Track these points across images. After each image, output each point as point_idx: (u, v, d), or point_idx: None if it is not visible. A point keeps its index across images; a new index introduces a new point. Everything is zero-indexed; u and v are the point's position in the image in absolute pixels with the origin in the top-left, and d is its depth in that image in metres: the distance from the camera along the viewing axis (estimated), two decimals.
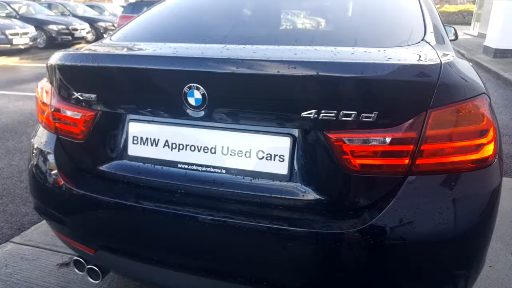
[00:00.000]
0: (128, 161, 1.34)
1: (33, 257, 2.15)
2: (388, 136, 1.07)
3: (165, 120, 1.27)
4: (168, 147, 1.28)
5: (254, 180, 1.19)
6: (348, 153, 1.09)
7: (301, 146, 1.14)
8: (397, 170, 1.10)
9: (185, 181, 1.26)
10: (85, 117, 1.35)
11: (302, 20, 2.36)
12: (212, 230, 1.18)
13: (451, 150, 1.10)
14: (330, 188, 1.14)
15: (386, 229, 1.06)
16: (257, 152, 1.18)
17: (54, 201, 1.43)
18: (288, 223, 1.13)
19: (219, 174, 1.23)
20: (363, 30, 1.54)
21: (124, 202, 1.26)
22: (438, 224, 1.06)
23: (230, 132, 1.20)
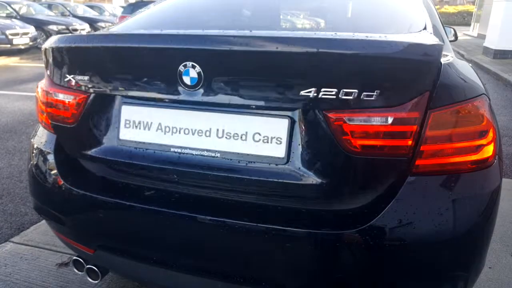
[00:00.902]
0: (120, 145, 1.30)
1: (33, 257, 2.15)
2: (390, 116, 1.03)
3: (159, 103, 1.23)
4: (161, 131, 1.24)
5: (250, 164, 1.15)
6: (349, 133, 1.06)
7: (300, 127, 1.11)
8: (400, 152, 1.06)
9: (178, 165, 1.21)
10: (77, 100, 1.32)
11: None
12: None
13: (450, 151, 1.10)
14: (330, 171, 1.10)
15: (386, 229, 1.06)
16: (254, 135, 1.14)
17: (54, 201, 1.43)
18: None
19: (213, 158, 1.18)
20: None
21: (122, 202, 1.26)
22: (438, 225, 1.06)
23: (226, 114, 1.16)
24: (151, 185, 1.31)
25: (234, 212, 1.18)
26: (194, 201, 1.24)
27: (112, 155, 1.30)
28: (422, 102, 1.04)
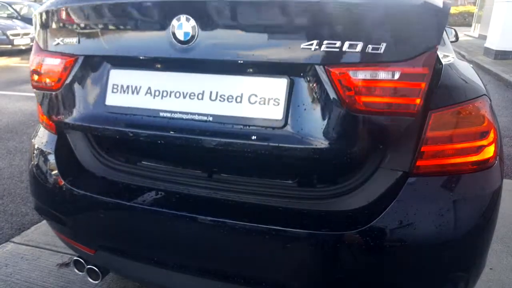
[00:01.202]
0: (105, 112, 1.24)
1: (33, 257, 2.15)
2: (397, 71, 0.97)
3: (149, 65, 1.18)
4: (150, 95, 1.18)
5: (245, 127, 1.08)
6: (352, 89, 0.99)
7: (299, 86, 1.04)
8: (407, 112, 1.00)
9: (167, 130, 1.15)
10: (64, 64, 1.27)
11: None
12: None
13: (451, 152, 1.10)
14: (332, 133, 1.02)
15: (386, 230, 1.06)
16: (249, 97, 1.08)
17: (54, 201, 1.44)
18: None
19: (205, 122, 1.12)
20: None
21: (123, 203, 1.26)
22: (439, 226, 1.06)
23: (220, 75, 1.11)
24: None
25: (234, 210, 1.17)
26: (194, 201, 1.24)
27: (97, 122, 1.24)
28: (430, 58, 0.98)
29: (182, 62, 1.14)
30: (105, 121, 1.23)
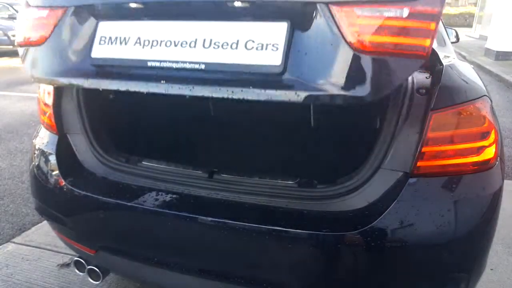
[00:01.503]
0: (91, 64, 1.18)
1: (34, 257, 2.15)
2: (406, 8, 0.90)
3: (139, 14, 1.12)
4: (139, 44, 1.12)
5: (241, 75, 1.01)
6: (358, 28, 0.92)
7: (300, 29, 0.98)
8: (416, 53, 0.93)
9: (158, 80, 1.07)
10: (51, 16, 1.21)
11: None
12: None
13: (452, 152, 1.10)
14: (336, 77, 0.94)
15: (387, 231, 1.06)
16: (246, 43, 1.02)
17: (55, 201, 1.44)
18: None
19: (197, 70, 1.05)
20: None
21: (124, 203, 1.26)
22: (439, 226, 1.06)
23: (214, 22, 1.05)
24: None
25: (235, 211, 1.17)
26: (194, 201, 1.24)
27: (82, 75, 1.18)
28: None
29: (173, 9, 1.07)
30: (90, 74, 1.16)
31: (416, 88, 1.14)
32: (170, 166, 1.39)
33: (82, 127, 1.48)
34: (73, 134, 1.50)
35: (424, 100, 1.11)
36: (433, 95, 1.08)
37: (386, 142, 1.12)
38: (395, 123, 1.12)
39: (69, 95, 1.51)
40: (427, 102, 1.10)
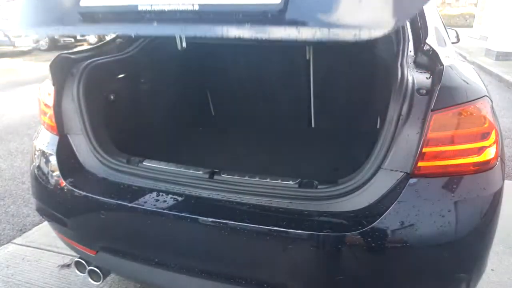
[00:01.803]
0: (79, 13, 1.12)
1: (35, 258, 2.15)
2: None
3: None
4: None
5: (237, 15, 0.95)
6: None
7: None
8: None
9: (147, 21, 1.03)
10: None
11: None
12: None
13: (452, 153, 1.10)
14: (339, 10, 0.88)
15: (388, 231, 1.06)
16: None
17: (56, 202, 1.44)
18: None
19: (191, 12, 0.98)
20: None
21: (124, 204, 1.26)
22: (440, 227, 1.06)
23: None
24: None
25: (236, 211, 1.17)
26: (195, 202, 1.24)
27: (71, 23, 1.14)
28: None
29: None
30: (79, 22, 1.13)
31: (417, 89, 1.14)
32: (171, 166, 1.39)
33: (83, 127, 1.48)
34: (74, 134, 1.50)
35: (425, 100, 1.11)
36: (433, 96, 1.08)
37: (386, 142, 1.12)
38: (395, 123, 1.12)
39: (70, 95, 1.51)
40: (427, 103, 1.10)
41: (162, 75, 2.12)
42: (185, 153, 2.12)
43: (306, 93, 2.50)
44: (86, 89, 1.53)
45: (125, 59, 1.81)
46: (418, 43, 1.49)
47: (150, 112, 2.07)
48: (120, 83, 1.81)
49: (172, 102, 2.21)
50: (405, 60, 1.36)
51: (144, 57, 1.92)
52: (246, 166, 1.90)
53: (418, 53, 1.37)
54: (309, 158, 2.03)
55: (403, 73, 1.20)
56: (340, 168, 1.88)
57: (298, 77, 2.48)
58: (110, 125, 1.69)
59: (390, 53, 1.67)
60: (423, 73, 1.24)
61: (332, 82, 2.43)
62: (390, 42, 1.68)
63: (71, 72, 1.55)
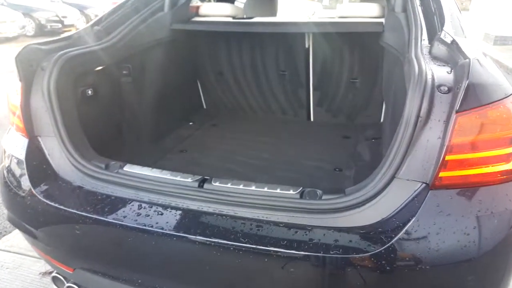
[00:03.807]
0: None
1: (15, 265, 2.00)
2: None
3: None
4: None
5: None
6: None
7: None
8: None
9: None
10: None
11: None
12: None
13: (478, 160, 0.95)
14: None
15: (405, 253, 0.92)
16: None
17: (26, 213, 1.28)
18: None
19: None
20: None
21: (102, 218, 1.11)
22: (464, 246, 0.92)
23: None
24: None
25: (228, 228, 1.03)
26: (183, 215, 1.09)
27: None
28: None
29: None
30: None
31: (437, 85, 0.99)
32: (155, 173, 1.23)
33: (56, 128, 1.32)
34: (46, 137, 1.34)
35: (447, 99, 0.96)
36: (458, 94, 0.92)
37: (402, 147, 0.97)
38: (412, 126, 0.96)
39: (39, 92, 1.34)
40: (450, 102, 0.95)
41: (147, 65, 1.93)
42: (173, 152, 1.96)
43: (304, 84, 2.33)
44: (58, 85, 1.35)
45: (104, 49, 1.63)
46: (433, 31, 1.33)
47: (133, 107, 1.90)
48: (98, 76, 1.63)
49: (158, 95, 2.03)
50: (419, 50, 1.20)
51: (126, 47, 1.74)
52: (240, 167, 1.75)
53: (435, 43, 1.21)
54: (308, 156, 1.88)
55: (420, 66, 1.04)
56: (343, 168, 1.73)
57: (296, 66, 2.31)
58: (87, 125, 1.52)
59: (399, 41, 1.50)
60: (442, 66, 1.09)
61: (333, 72, 2.26)
62: (399, 28, 1.51)
63: (41, 66, 1.37)
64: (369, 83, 2.21)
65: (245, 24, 2.10)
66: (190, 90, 2.50)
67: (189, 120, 2.40)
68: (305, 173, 1.71)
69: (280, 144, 2.07)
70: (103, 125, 1.71)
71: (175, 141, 2.10)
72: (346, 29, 1.89)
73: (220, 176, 1.19)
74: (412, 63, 1.11)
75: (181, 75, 2.31)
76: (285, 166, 1.79)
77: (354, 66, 2.20)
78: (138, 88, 1.90)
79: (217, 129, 2.34)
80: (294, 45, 2.25)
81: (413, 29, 1.37)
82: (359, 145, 1.99)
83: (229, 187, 1.14)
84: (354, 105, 2.31)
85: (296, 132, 2.26)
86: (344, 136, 2.16)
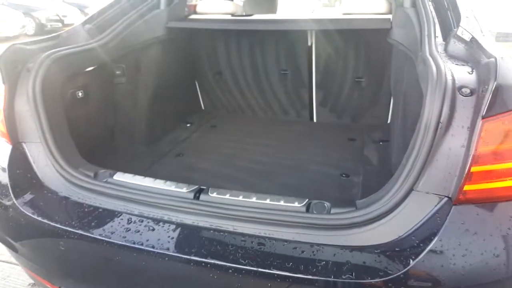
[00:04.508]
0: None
1: (3, 275, 1.91)
2: None
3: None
4: None
5: None
6: None
7: None
8: None
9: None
10: None
11: None
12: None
13: (507, 172, 0.85)
14: None
15: (426, 278, 0.81)
16: None
17: (7, 226, 1.18)
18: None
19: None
20: None
21: (87, 234, 1.01)
22: (494, 270, 0.81)
23: None
24: None
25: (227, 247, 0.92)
26: (175, 232, 0.99)
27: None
28: None
29: None
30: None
31: (458, 87, 0.88)
32: (147, 182, 1.13)
33: (41, 134, 1.22)
34: (31, 143, 1.24)
35: (470, 103, 0.86)
36: (484, 97, 0.82)
37: (420, 156, 0.87)
38: (432, 133, 0.86)
39: (25, 95, 1.24)
40: (474, 106, 0.85)
41: (142, 65, 1.83)
42: (169, 156, 1.86)
43: (307, 83, 2.22)
44: (45, 87, 1.25)
45: (95, 48, 1.52)
46: (447, 27, 1.22)
47: (127, 110, 1.79)
48: (90, 77, 1.53)
49: (154, 97, 1.93)
50: (434, 48, 1.10)
51: (119, 46, 1.64)
52: (239, 173, 1.64)
53: (451, 40, 1.10)
54: (312, 160, 1.77)
55: (439, 66, 0.93)
56: (350, 173, 1.63)
57: (298, 65, 2.20)
58: (77, 129, 1.42)
59: (410, 38, 1.39)
60: (461, 66, 0.98)
61: (337, 71, 2.15)
62: (409, 24, 1.41)
63: (27, 67, 1.27)
64: (375, 82, 2.10)
65: (244, 21, 2.00)
66: (187, 90, 2.39)
67: (187, 122, 2.30)
68: (309, 179, 1.60)
69: (281, 146, 1.96)
70: (95, 129, 1.61)
71: (171, 144, 2.00)
72: (352, 26, 1.79)
73: (218, 183, 1.09)
74: (427, 62, 1.01)
75: (178, 75, 2.21)
76: (287, 171, 1.68)
77: (359, 65, 2.09)
78: (133, 89, 1.79)
79: (216, 131, 2.24)
80: (296, 43, 2.14)
81: (425, 25, 1.26)
82: (366, 148, 1.88)
83: (227, 199, 1.04)
84: (359, 105, 2.20)
85: (299, 134, 2.15)
86: (349, 138, 2.05)
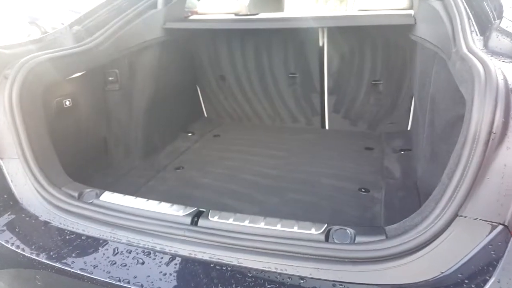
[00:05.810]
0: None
1: None
2: None
3: None
4: None
5: None
6: None
7: None
8: None
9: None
10: None
11: None
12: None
13: None
14: None
15: None
16: None
17: None
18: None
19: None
20: None
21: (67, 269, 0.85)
22: None
23: None
24: None
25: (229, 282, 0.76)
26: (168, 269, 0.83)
27: None
28: None
29: None
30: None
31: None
32: (137, 204, 0.98)
33: (19, 149, 1.08)
34: (8, 159, 1.10)
35: None
36: None
37: (467, 175, 0.70)
38: (483, 145, 0.69)
39: (1, 105, 1.10)
40: None
41: (137, 70, 1.68)
42: (167, 170, 1.70)
43: (318, 88, 2.06)
44: (23, 96, 1.11)
45: (84, 52, 1.38)
46: (484, 19, 1.06)
47: (121, 119, 1.65)
48: (78, 83, 1.39)
49: (151, 104, 1.78)
50: (472, 43, 0.94)
51: (111, 49, 1.49)
52: (244, 188, 1.48)
53: (492, 34, 0.94)
54: (326, 173, 1.60)
55: (486, 65, 0.77)
56: (370, 188, 1.45)
57: (309, 68, 2.04)
58: (64, 142, 1.28)
59: (438, 34, 1.23)
60: (509, 63, 0.83)
61: (352, 73, 1.98)
62: (437, 18, 1.24)
63: (4, 74, 1.14)
64: (394, 85, 1.93)
65: (249, 20, 1.84)
66: (188, 97, 2.24)
67: (188, 131, 2.14)
68: (323, 196, 1.43)
69: (291, 157, 1.80)
70: (86, 141, 1.47)
71: (170, 156, 1.84)
72: (370, 22, 1.62)
73: (221, 200, 0.93)
74: (468, 60, 0.84)
75: (178, 80, 2.06)
76: (298, 186, 1.51)
77: (377, 66, 1.92)
78: (127, 96, 1.64)
79: (219, 141, 2.08)
80: (306, 43, 1.98)
81: (457, 18, 1.10)
82: (385, 159, 1.71)
83: (230, 224, 0.89)
84: (376, 111, 2.02)
85: (310, 143, 1.98)
86: (366, 147, 1.87)
